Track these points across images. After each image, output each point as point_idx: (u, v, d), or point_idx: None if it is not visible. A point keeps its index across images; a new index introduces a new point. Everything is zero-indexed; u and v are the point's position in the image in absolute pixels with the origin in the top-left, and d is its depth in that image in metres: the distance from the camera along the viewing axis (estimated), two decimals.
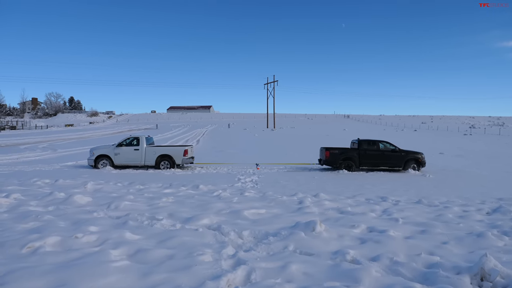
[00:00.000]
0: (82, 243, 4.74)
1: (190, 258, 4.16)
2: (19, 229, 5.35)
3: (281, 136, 43.72)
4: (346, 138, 33.96)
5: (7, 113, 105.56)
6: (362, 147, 16.31)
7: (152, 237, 5.17)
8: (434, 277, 3.68)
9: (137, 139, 16.40)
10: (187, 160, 16.34)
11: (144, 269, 3.82)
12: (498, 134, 52.17)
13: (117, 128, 66.16)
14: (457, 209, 8.05)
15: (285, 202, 8.44)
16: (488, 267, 3.69)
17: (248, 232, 5.42)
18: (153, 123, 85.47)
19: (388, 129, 63.14)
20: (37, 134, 48.83)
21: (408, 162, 16.06)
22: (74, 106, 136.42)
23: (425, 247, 4.84)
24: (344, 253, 4.42)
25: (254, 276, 3.71)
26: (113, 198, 8.25)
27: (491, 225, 6.43)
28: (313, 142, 32.53)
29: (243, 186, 11.61)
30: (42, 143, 32.58)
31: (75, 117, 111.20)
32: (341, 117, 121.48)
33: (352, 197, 9.55)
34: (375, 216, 7.09)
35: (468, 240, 5.29)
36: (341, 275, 3.76)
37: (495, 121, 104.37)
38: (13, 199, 7.75)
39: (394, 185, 12.29)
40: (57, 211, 6.75)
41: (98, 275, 3.57)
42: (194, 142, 33.95)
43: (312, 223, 5.48)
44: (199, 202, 8.05)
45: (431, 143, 34.78)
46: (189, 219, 6.20)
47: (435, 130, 64.73)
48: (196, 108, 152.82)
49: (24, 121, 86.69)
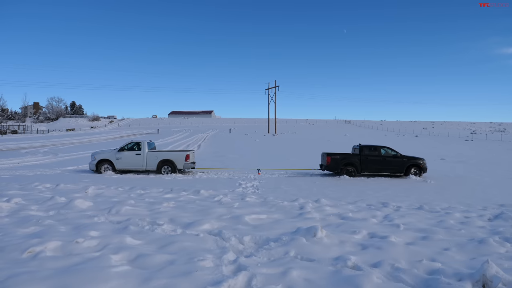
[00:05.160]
0: (82, 248, 4.74)
1: (190, 264, 4.15)
2: (20, 233, 5.35)
3: (282, 141, 43.74)
4: (347, 144, 33.96)
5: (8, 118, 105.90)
6: (364, 153, 16.30)
7: (152, 242, 5.16)
8: (436, 283, 3.67)
9: (139, 144, 16.43)
10: (188, 165, 16.35)
11: (144, 274, 3.81)
12: (499, 140, 52.08)
13: (118, 133, 66.28)
14: (458, 215, 8.02)
15: (286, 207, 8.42)
16: (490, 274, 3.67)
17: (249, 237, 5.41)
18: (154, 127, 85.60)
19: (389, 135, 63.11)
20: (39, 138, 48.94)
21: (410, 168, 16.03)
22: (75, 110, 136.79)
23: (427, 254, 4.82)
24: (345, 259, 4.41)
25: (255, 282, 3.70)
26: (114, 202, 8.25)
27: (493, 232, 6.41)
28: (314, 148, 32.52)
29: (244, 191, 11.59)
30: (43, 147, 32.64)
31: (76, 121, 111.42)
32: (342, 123, 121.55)
33: (353, 203, 9.53)
34: (376, 222, 7.06)
35: (470, 246, 5.27)
36: (342, 281, 3.75)
37: (497, 127, 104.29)
38: (14, 203, 7.76)
39: (395, 191, 12.26)
40: (58, 216, 6.75)
41: (99, 280, 3.56)
42: (195, 147, 33.97)
43: (313, 228, 5.47)
44: (200, 207, 8.05)
45: (432, 149, 34.72)
46: (190, 224, 6.19)
47: (436, 136, 64.67)
48: (197, 113, 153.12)
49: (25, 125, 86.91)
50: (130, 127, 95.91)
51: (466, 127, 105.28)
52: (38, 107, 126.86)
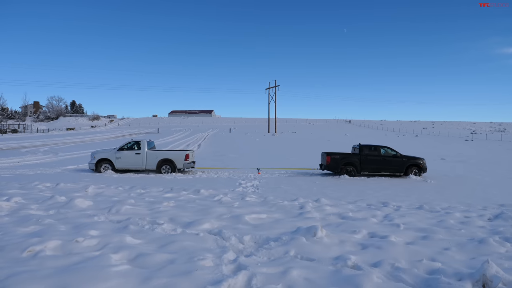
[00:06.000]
0: (82, 247, 4.73)
1: (190, 263, 4.15)
2: (20, 232, 5.35)
3: (282, 141, 43.74)
4: (347, 143, 33.96)
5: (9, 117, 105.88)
6: (364, 153, 16.30)
7: (152, 241, 5.16)
8: (436, 283, 3.66)
9: (139, 143, 16.42)
10: (188, 164, 16.35)
11: (144, 273, 3.81)
12: (499, 140, 52.08)
13: (118, 132, 66.27)
14: (458, 215, 8.02)
15: (286, 207, 8.42)
16: (490, 274, 3.67)
17: (249, 237, 5.41)
18: (154, 127, 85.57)
19: (389, 135, 63.12)
20: (39, 137, 48.93)
21: (410, 168, 16.02)
22: (75, 109, 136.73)
23: (427, 253, 4.82)
24: (346, 259, 4.41)
25: (255, 282, 3.70)
26: (114, 202, 8.25)
27: (493, 231, 6.40)
28: (314, 147, 32.52)
29: (244, 190, 11.59)
30: (43, 146, 32.64)
31: (76, 120, 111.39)
32: (343, 122, 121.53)
33: (353, 203, 9.53)
34: (376, 222, 7.06)
35: (470, 246, 5.27)
36: (342, 281, 3.75)
37: (497, 127, 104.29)
38: (14, 202, 7.76)
39: (395, 191, 12.26)
40: (58, 215, 6.75)
41: (99, 279, 3.56)
42: (195, 147, 33.97)
43: (313, 228, 5.47)
44: (200, 207, 8.04)
45: (432, 148, 34.72)
46: (190, 224, 6.19)
47: (437, 135, 64.67)
48: (197, 112, 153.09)
49: (25, 124, 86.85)
50: (130, 126, 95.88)
51: (466, 127, 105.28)
52: (38, 106, 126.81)
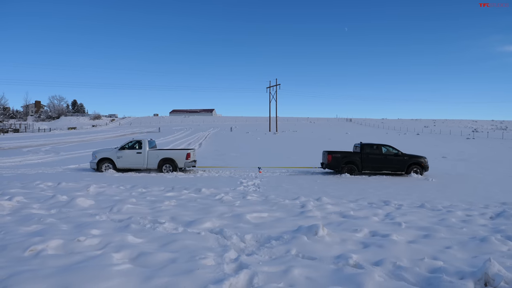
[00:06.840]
0: (84, 246, 4.74)
1: (192, 262, 4.15)
2: (22, 232, 5.36)
3: (283, 140, 43.73)
4: (349, 142, 33.91)
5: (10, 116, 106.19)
6: (365, 151, 16.28)
7: (154, 240, 5.16)
8: (438, 282, 3.66)
9: (140, 143, 16.43)
10: (189, 163, 16.35)
11: (146, 272, 3.81)
12: (501, 138, 51.98)
13: (119, 131, 66.37)
14: (460, 213, 8.01)
15: (288, 205, 8.42)
16: (492, 272, 3.66)
17: (251, 236, 5.41)
18: (155, 126, 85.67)
19: (391, 133, 63.03)
20: (40, 137, 49.04)
21: (411, 166, 16.00)
22: (77, 109, 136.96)
23: (428, 252, 4.81)
24: (347, 258, 4.40)
25: (257, 280, 3.70)
26: (116, 201, 8.26)
27: (495, 230, 6.39)
28: (316, 146, 32.50)
29: (245, 189, 11.60)
30: (45, 146, 32.70)
31: (78, 120, 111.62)
32: (344, 121, 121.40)
33: (354, 201, 9.52)
34: (378, 220, 7.05)
35: (472, 244, 5.25)
36: (344, 279, 3.74)
37: (498, 125, 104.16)
38: (16, 202, 7.77)
39: (396, 189, 12.25)
40: (60, 214, 6.77)
41: (101, 278, 3.57)
42: (196, 146, 33.98)
43: (315, 227, 5.46)
44: (201, 206, 8.05)
45: (434, 147, 34.66)
46: (191, 223, 6.19)
47: (438, 134, 64.57)
48: (198, 111, 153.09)
49: (27, 124, 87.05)
50: (131, 125, 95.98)
51: (467, 125, 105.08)
52: (40, 106, 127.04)
